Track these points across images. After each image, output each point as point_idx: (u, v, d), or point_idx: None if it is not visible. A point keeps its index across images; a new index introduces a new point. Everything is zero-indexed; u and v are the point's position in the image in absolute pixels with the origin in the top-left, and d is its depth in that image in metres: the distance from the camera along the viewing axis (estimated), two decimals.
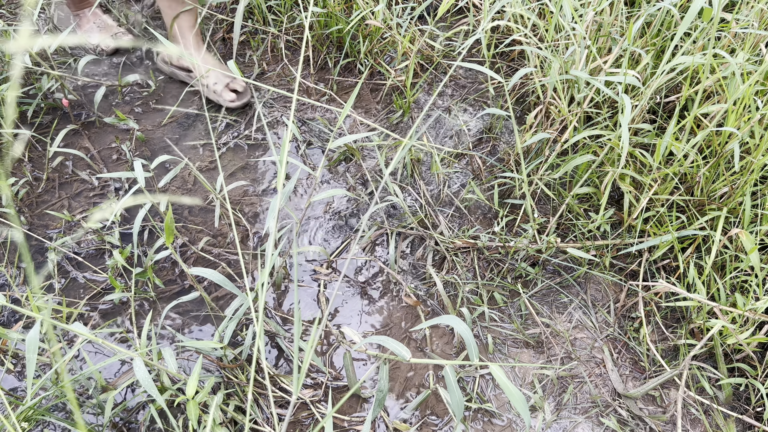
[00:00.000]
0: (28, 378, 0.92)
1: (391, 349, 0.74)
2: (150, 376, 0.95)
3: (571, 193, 1.43)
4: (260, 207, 1.60)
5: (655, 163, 1.34)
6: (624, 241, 1.45)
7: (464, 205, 1.60)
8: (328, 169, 1.68)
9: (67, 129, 1.65)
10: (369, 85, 1.87)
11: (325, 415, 1.08)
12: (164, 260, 1.48)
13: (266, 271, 0.80)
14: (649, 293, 1.41)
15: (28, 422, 1.09)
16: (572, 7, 1.42)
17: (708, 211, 1.42)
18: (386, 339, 0.77)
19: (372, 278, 1.49)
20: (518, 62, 1.90)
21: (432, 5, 2.01)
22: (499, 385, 1.34)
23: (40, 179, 1.60)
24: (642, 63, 1.41)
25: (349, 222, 1.58)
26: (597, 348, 1.40)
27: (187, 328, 1.39)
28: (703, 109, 1.32)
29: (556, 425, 1.29)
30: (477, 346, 1.39)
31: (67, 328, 0.79)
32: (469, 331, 0.75)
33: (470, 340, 0.73)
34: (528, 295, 1.46)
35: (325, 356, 1.36)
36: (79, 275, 1.45)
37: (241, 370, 1.23)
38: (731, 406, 1.32)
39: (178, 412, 1.23)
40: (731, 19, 1.45)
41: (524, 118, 1.67)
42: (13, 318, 1.38)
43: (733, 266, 1.34)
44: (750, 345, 1.27)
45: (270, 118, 1.77)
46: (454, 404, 0.73)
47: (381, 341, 0.77)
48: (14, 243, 1.47)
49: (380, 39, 1.84)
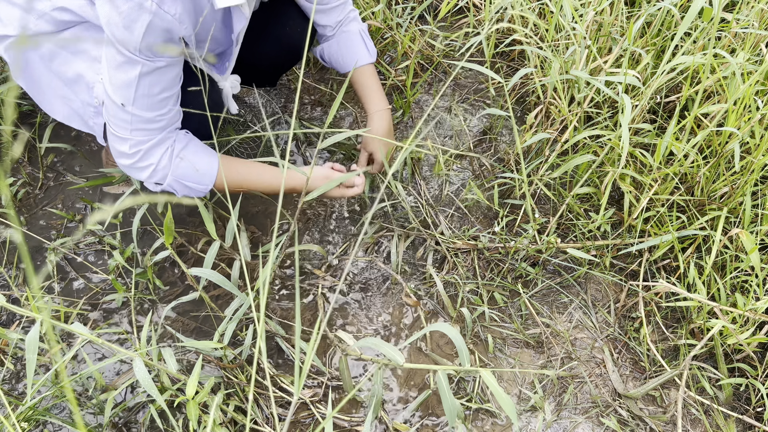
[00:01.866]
0: (28, 378, 0.92)
1: (384, 354, 0.74)
2: (150, 377, 0.95)
3: (571, 193, 1.43)
4: (261, 207, 1.59)
5: (655, 163, 1.33)
6: (624, 241, 1.45)
7: (464, 205, 1.60)
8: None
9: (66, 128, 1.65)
10: None
11: (326, 416, 1.08)
12: (164, 260, 1.48)
13: (266, 271, 0.80)
14: (649, 293, 1.41)
15: (28, 422, 1.09)
16: (572, 6, 1.42)
17: (708, 211, 1.42)
18: (380, 343, 0.77)
19: (372, 279, 1.49)
20: (518, 62, 1.90)
21: (432, 5, 2.01)
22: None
23: (38, 179, 1.60)
24: (642, 63, 1.41)
25: (349, 222, 1.58)
26: (597, 348, 1.40)
27: (187, 329, 1.39)
28: (704, 109, 1.32)
29: (556, 425, 1.29)
30: (478, 345, 1.39)
31: (66, 328, 0.79)
32: (461, 337, 0.74)
33: (462, 346, 0.73)
34: (528, 295, 1.46)
35: (326, 356, 1.36)
36: (79, 276, 1.45)
37: (241, 370, 1.23)
38: (731, 407, 1.32)
39: (177, 412, 1.23)
40: (731, 19, 1.45)
41: (524, 118, 1.67)
42: (13, 318, 1.38)
43: (734, 266, 1.34)
44: (750, 345, 1.27)
45: (272, 118, 1.77)
46: (447, 410, 0.73)
47: (374, 345, 0.77)
48: (13, 243, 1.47)
49: (380, 39, 1.84)
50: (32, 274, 1.20)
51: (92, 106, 1.21)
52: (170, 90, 1.08)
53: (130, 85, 1.03)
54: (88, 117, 1.24)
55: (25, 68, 1.24)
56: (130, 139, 1.10)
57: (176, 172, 1.16)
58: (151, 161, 1.14)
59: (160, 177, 1.16)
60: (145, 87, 1.04)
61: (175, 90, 1.10)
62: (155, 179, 1.16)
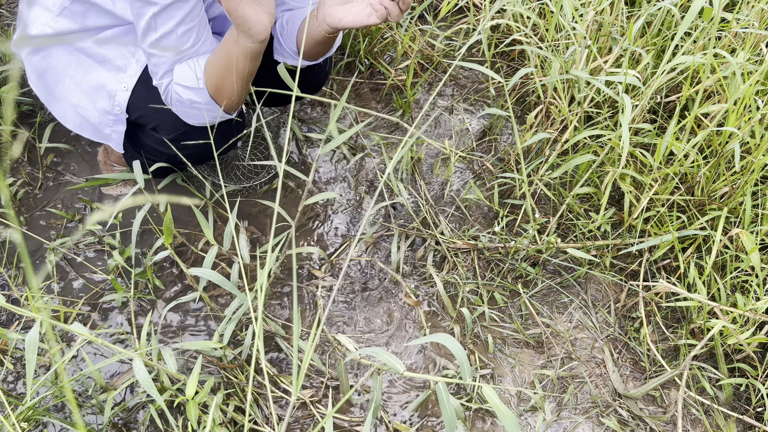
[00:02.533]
0: (27, 378, 0.91)
1: (384, 362, 0.74)
2: (150, 377, 0.95)
3: (571, 193, 1.43)
4: (260, 207, 1.59)
5: (655, 163, 1.33)
6: (624, 241, 1.45)
7: (464, 205, 1.60)
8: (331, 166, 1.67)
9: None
10: (369, 84, 1.87)
11: (325, 416, 1.08)
12: (163, 260, 1.48)
13: (266, 272, 0.80)
14: (649, 293, 1.41)
15: (28, 422, 1.09)
16: (573, 6, 1.42)
17: (708, 211, 1.42)
18: (379, 351, 0.77)
19: (371, 278, 1.49)
20: (518, 62, 1.90)
21: (432, 4, 2.01)
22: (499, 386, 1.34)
23: (38, 179, 1.60)
24: (642, 63, 1.41)
25: (349, 222, 1.58)
26: (597, 348, 1.40)
27: (187, 329, 1.38)
28: (704, 108, 1.32)
29: (556, 425, 1.29)
30: (477, 346, 1.39)
31: (66, 328, 0.79)
32: (461, 349, 0.74)
33: (463, 358, 0.73)
34: (528, 295, 1.45)
35: (325, 356, 1.36)
36: (78, 276, 1.45)
37: (240, 371, 1.23)
38: (732, 407, 1.31)
39: (177, 412, 1.23)
40: (732, 18, 1.45)
41: (524, 118, 1.67)
42: (13, 318, 1.38)
43: (734, 266, 1.34)
44: (750, 345, 1.27)
45: (271, 117, 1.77)
46: (446, 420, 0.73)
47: (373, 353, 0.76)
48: (13, 243, 1.47)
49: (380, 39, 1.84)
50: (32, 274, 1.20)
51: (111, 114, 1.25)
52: (187, 24, 1.10)
53: (150, 28, 1.07)
54: (105, 126, 1.27)
55: (43, 73, 1.26)
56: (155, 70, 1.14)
57: (177, 75, 1.19)
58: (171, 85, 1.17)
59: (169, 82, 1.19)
60: (162, 24, 1.06)
61: (193, 24, 1.12)
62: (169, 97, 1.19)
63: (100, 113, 1.26)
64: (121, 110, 1.24)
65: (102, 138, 1.31)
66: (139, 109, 1.25)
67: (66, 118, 1.30)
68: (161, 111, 1.23)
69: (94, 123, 1.28)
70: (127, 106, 1.24)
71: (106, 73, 1.23)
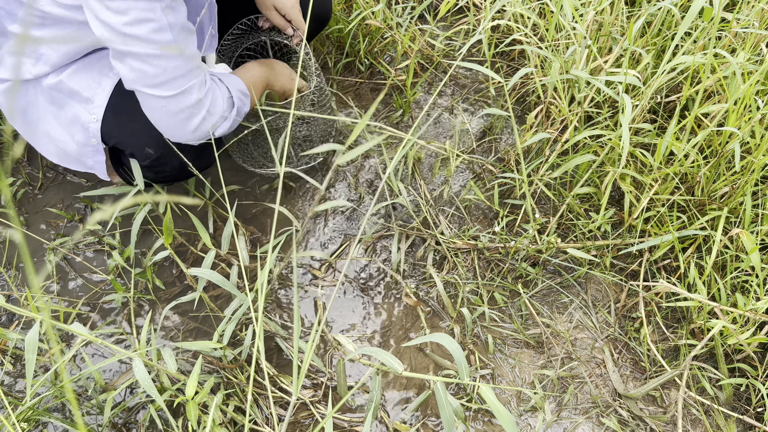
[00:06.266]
0: (27, 378, 0.91)
1: (383, 362, 0.74)
2: (149, 377, 0.95)
3: (571, 193, 1.43)
4: (260, 207, 1.59)
5: (655, 163, 1.33)
6: (624, 241, 1.45)
7: (464, 205, 1.60)
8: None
9: None
10: (369, 84, 1.87)
11: (325, 416, 1.08)
12: (163, 260, 1.48)
13: (265, 272, 0.80)
14: (649, 293, 1.41)
15: (28, 422, 1.09)
16: (573, 6, 1.42)
17: (709, 211, 1.42)
18: (378, 351, 0.77)
19: (372, 278, 1.49)
20: (518, 62, 1.90)
21: (432, 4, 2.01)
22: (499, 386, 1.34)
23: (38, 179, 1.60)
24: (642, 63, 1.41)
25: (349, 222, 1.58)
26: (597, 348, 1.40)
27: (187, 329, 1.38)
28: (704, 108, 1.32)
29: (556, 425, 1.29)
30: (478, 346, 1.39)
31: (66, 328, 0.79)
32: (460, 348, 0.74)
33: (461, 359, 0.73)
34: (528, 295, 1.45)
35: (325, 356, 1.36)
36: (78, 276, 1.45)
37: (240, 371, 1.23)
38: (732, 407, 1.31)
39: (177, 412, 1.23)
40: (732, 18, 1.45)
41: (524, 118, 1.67)
42: (12, 318, 1.38)
43: (734, 266, 1.34)
44: (750, 345, 1.27)
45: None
46: (445, 420, 0.73)
47: (373, 353, 0.76)
48: (13, 243, 1.47)
49: (380, 39, 1.84)
50: (32, 274, 1.20)
51: (89, 146, 1.24)
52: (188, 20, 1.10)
53: (163, 28, 1.02)
54: (87, 157, 1.27)
55: (23, 112, 1.25)
56: (194, 83, 1.11)
57: (230, 83, 1.19)
58: (216, 93, 1.17)
59: (227, 97, 1.19)
60: (173, 18, 1.03)
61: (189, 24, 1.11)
62: (226, 105, 1.19)
63: (79, 146, 1.25)
64: (97, 141, 1.23)
65: (86, 168, 1.30)
66: (113, 137, 1.24)
67: (50, 153, 1.30)
68: (134, 137, 1.23)
69: (76, 156, 1.28)
70: (102, 136, 1.23)
71: (77, 105, 1.22)
